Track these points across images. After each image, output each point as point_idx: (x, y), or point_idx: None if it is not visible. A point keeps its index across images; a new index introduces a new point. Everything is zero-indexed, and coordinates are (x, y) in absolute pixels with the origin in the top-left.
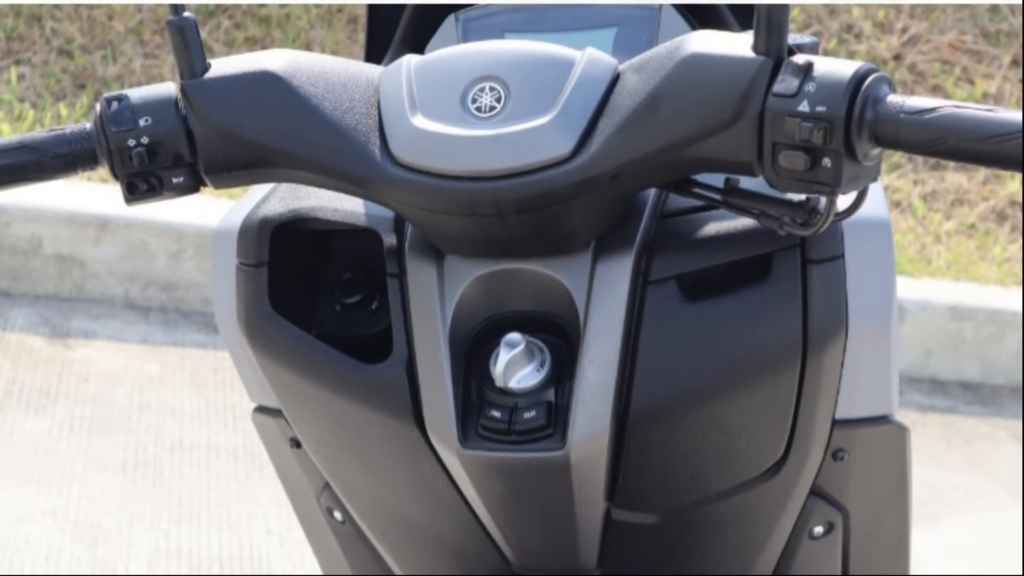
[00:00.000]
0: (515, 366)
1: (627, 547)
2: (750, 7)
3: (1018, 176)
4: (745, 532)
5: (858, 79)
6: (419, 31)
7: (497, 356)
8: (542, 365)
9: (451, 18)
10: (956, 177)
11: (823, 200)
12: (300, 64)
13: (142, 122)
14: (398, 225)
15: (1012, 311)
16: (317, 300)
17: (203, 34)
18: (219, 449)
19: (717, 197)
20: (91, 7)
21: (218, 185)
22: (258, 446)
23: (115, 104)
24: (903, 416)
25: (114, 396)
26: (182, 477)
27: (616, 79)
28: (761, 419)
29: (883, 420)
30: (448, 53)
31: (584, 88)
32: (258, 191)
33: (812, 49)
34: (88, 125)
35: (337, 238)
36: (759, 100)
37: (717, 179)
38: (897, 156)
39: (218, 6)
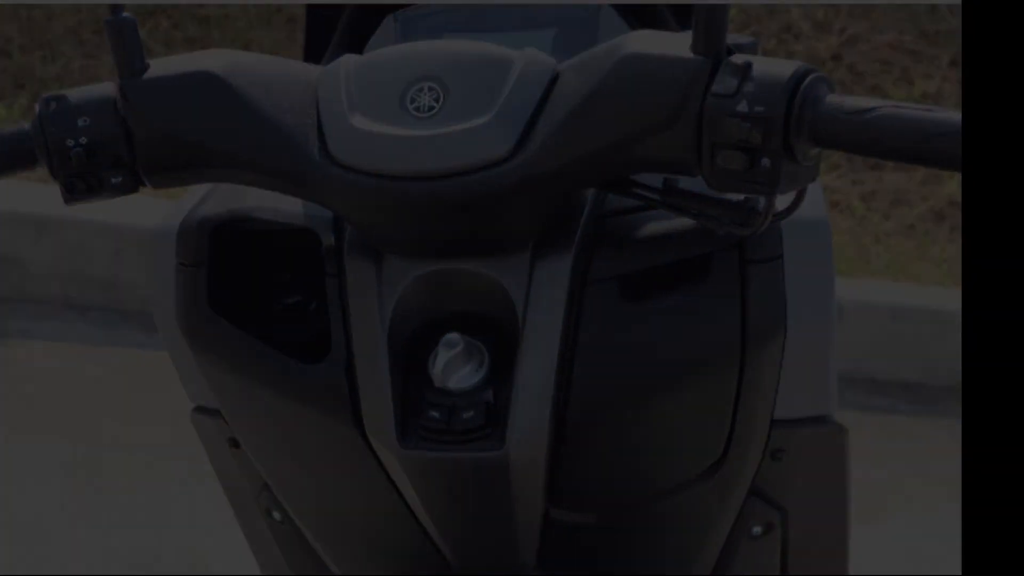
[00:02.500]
0: (454, 366)
1: (567, 546)
2: (689, 7)
3: (957, 176)
4: (684, 532)
5: (797, 79)
6: (358, 31)
7: (436, 356)
8: (481, 365)
9: (390, 18)
10: (895, 177)
11: (762, 200)
12: (239, 64)
13: (80, 122)
14: (337, 225)
15: (951, 311)
16: (257, 300)
17: (142, 34)
18: (158, 449)
19: (656, 197)
20: (30, 7)
21: (157, 185)
22: (197, 446)
23: (54, 104)
24: (842, 416)
25: (53, 396)
26: (122, 477)
27: (555, 79)
28: (700, 419)
29: (822, 420)
30: (387, 53)
31: (522, 88)
32: (197, 191)
33: (751, 49)
34: (26, 125)
35: (276, 238)
36: (697, 100)
37: (657, 179)
38: (836, 156)
39: (157, 6)
